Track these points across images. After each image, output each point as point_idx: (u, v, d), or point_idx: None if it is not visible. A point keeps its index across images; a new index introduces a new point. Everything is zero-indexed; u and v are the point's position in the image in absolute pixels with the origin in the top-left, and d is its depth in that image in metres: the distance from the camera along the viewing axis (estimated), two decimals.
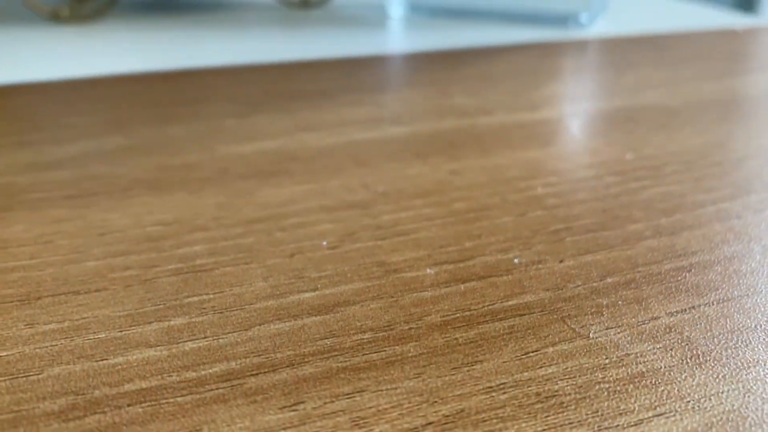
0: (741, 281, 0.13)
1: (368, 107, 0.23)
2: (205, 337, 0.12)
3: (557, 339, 0.12)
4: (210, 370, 0.11)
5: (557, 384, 0.11)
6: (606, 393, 0.10)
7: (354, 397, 0.10)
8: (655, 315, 0.12)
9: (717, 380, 0.11)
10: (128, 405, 0.10)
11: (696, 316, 0.12)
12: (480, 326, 0.12)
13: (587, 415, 0.10)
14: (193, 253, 0.14)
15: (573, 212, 0.16)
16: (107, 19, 0.37)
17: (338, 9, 0.40)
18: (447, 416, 0.10)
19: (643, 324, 0.12)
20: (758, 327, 0.12)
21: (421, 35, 0.34)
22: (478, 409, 0.10)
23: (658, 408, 0.10)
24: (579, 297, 0.13)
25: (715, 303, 0.13)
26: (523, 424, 0.10)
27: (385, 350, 0.11)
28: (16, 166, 0.19)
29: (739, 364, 0.11)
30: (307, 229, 0.15)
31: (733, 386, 0.10)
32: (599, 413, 0.10)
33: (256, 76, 0.27)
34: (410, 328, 0.12)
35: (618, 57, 0.30)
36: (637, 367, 0.11)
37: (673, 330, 0.12)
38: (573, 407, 0.10)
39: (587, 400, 0.10)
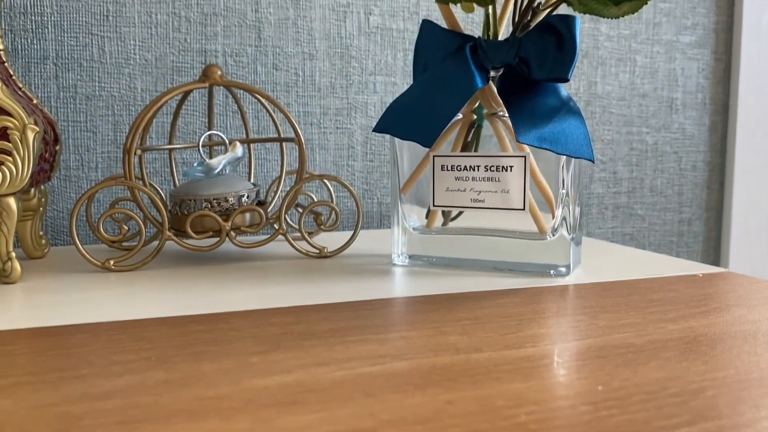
0: None
1: (374, 344, 0.27)
2: None
3: None
4: None
5: None
6: None
7: None
8: None
9: None
10: None
11: None
12: None
13: None
14: None
15: None
16: (149, 268, 0.42)
17: (349, 258, 0.46)
18: None
19: None
20: None
21: (420, 282, 0.39)
22: None
23: None
24: None
25: None
26: None
27: None
28: (71, 396, 0.22)
29: None
30: None
31: None
32: None
33: (277, 317, 0.31)
34: None
35: (593, 301, 0.34)
36: None
37: None
38: None
39: None
